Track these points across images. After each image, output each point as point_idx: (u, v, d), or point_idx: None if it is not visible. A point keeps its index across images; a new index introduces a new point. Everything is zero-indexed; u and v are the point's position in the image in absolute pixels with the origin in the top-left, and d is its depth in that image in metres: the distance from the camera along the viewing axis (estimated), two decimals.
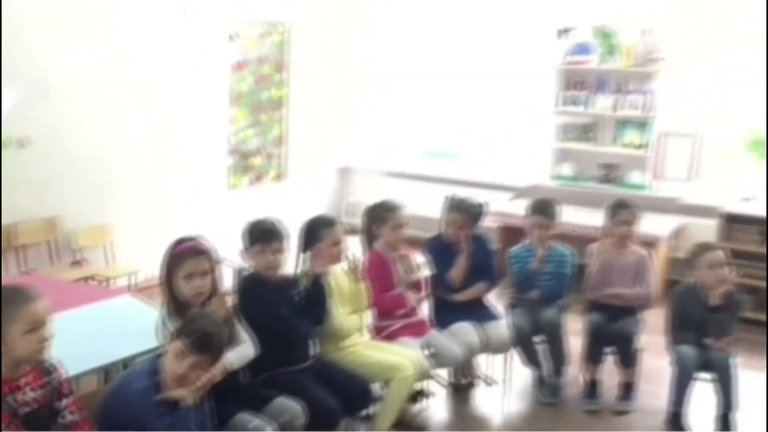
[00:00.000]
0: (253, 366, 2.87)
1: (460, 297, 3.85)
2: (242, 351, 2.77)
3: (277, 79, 6.48)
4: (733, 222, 5.10)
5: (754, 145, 5.41)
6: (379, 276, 3.63)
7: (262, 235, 3.05)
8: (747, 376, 3.69)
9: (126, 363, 2.82)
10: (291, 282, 3.16)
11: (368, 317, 3.61)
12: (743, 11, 5.33)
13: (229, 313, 2.83)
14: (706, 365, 3.48)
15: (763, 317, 4.88)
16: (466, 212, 3.86)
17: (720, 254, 3.55)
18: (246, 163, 6.35)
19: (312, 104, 6.79)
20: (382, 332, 3.62)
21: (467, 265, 3.84)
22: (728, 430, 3.47)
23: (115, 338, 3.03)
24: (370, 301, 3.48)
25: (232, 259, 3.77)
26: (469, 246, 3.84)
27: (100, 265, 5.09)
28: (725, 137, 5.62)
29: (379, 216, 3.74)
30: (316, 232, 3.31)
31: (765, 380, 3.90)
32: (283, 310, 3.04)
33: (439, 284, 3.86)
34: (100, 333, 3.13)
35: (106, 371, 2.95)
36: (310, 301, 3.12)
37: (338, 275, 3.40)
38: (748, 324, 3.77)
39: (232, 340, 2.70)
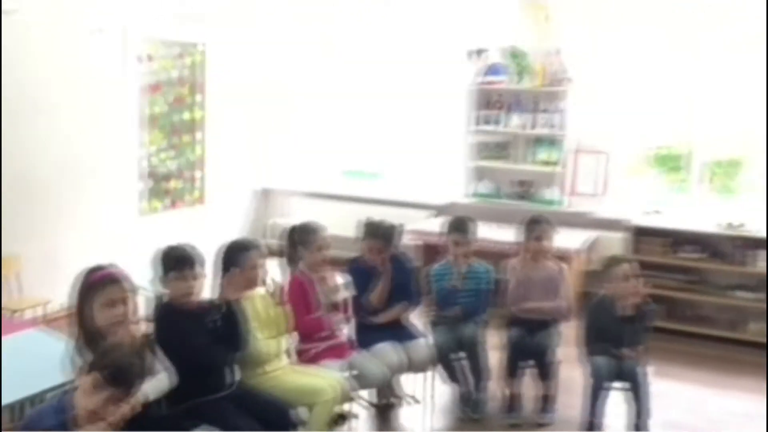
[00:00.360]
0: (172, 396, 2.79)
1: (380, 319, 3.87)
2: (158, 382, 2.70)
3: (192, 101, 6.38)
4: (640, 234, 5.32)
5: (658, 160, 5.68)
6: (301, 299, 3.61)
7: (177, 262, 2.99)
8: (659, 383, 3.84)
9: (34, 400, 2.69)
10: (207, 308, 3.09)
11: (290, 341, 3.58)
12: (643, 37, 5.59)
13: (144, 342, 2.75)
14: (619, 375, 3.60)
15: (672, 326, 5.10)
16: (381, 237, 3.90)
17: (630, 267, 3.69)
18: (162, 187, 6.21)
19: (229, 126, 6.71)
20: (303, 356, 3.59)
21: (387, 288, 3.86)
22: None
23: (23, 374, 2.89)
24: (291, 325, 3.45)
25: (146, 287, 3.67)
26: (388, 269, 3.87)
27: (7, 297, 4.86)
28: (630, 153, 5.90)
29: (301, 238, 3.73)
30: (233, 256, 3.27)
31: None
32: (200, 339, 2.97)
33: (361, 308, 3.87)
34: (7, 368, 2.98)
35: (15, 408, 2.81)
36: (227, 327, 3.06)
37: (257, 299, 3.36)
38: (658, 333, 3.91)
39: (147, 371, 2.62)
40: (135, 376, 2.36)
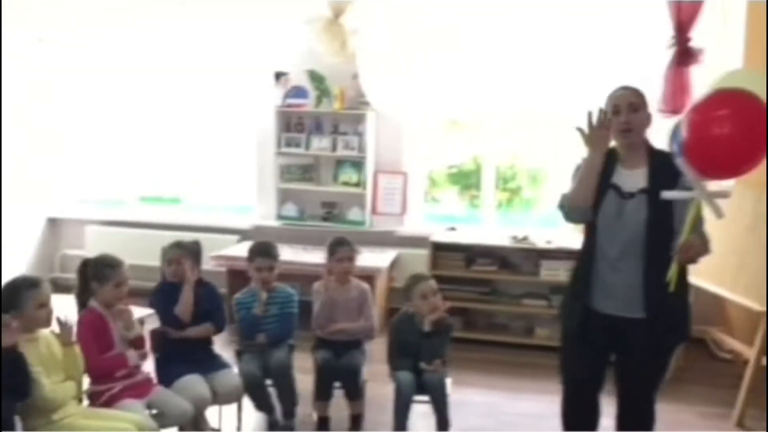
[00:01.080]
0: None
1: (189, 333, 3.72)
2: None
3: None
4: (439, 250, 5.58)
5: (451, 178, 6.02)
6: (96, 336, 3.39)
7: None
8: (458, 392, 4.03)
9: None
10: None
11: (84, 383, 3.33)
12: (439, 62, 5.91)
13: None
14: (421, 388, 3.73)
15: (469, 335, 5.40)
16: (184, 248, 3.84)
17: (431, 284, 3.85)
18: None
19: (10, 149, 6.13)
20: (100, 397, 3.35)
21: (190, 299, 3.72)
22: None
23: None
24: (82, 366, 3.21)
25: None
26: (190, 279, 3.73)
27: None
28: (427, 172, 6.20)
29: (97, 273, 3.49)
30: (18, 295, 2.99)
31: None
32: None
33: (167, 324, 3.74)
34: None
35: None
36: (9, 375, 2.78)
37: (48, 339, 3.11)
38: (456, 343, 4.11)
39: None
40: None
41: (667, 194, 2.70)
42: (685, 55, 5.08)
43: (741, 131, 2.48)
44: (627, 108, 2.89)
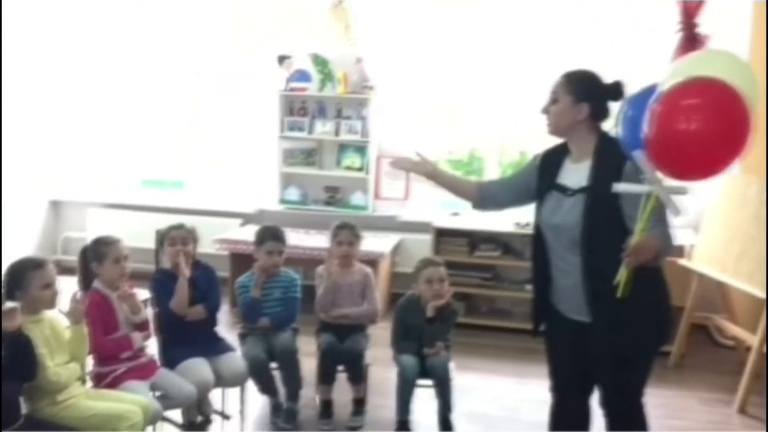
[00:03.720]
0: None
1: (190, 317, 3.70)
2: None
3: None
4: (443, 235, 5.57)
5: (455, 165, 6.01)
6: (101, 317, 3.39)
7: None
8: (462, 377, 4.04)
9: None
10: None
11: (88, 364, 3.34)
12: (443, 47, 5.88)
13: None
14: (424, 372, 3.73)
15: (472, 321, 5.40)
16: (181, 229, 3.81)
17: (439, 270, 3.82)
18: None
19: (8, 133, 6.10)
20: (104, 379, 3.36)
21: (185, 290, 3.69)
22: (448, 429, 3.75)
23: None
24: (90, 346, 3.21)
25: None
26: (187, 275, 3.69)
27: None
28: (431, 157, 6.15)
29: (96, 252, 3.50)
30: (22, 276, 2.99)
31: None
32: None
33: (165, 316, 3.71)
34: None
35: None
36: (15, 358, 2.78)
37: (53, 321, 3.10)
38: (459, 328, 4.11)
39: None
40: None
41: (620, 187, 2.44)
42: (692, 41, 5.03)
43: (715, 126, 2.19)
44: (549, 98, 2.73)
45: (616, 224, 2.55)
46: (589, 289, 2.63)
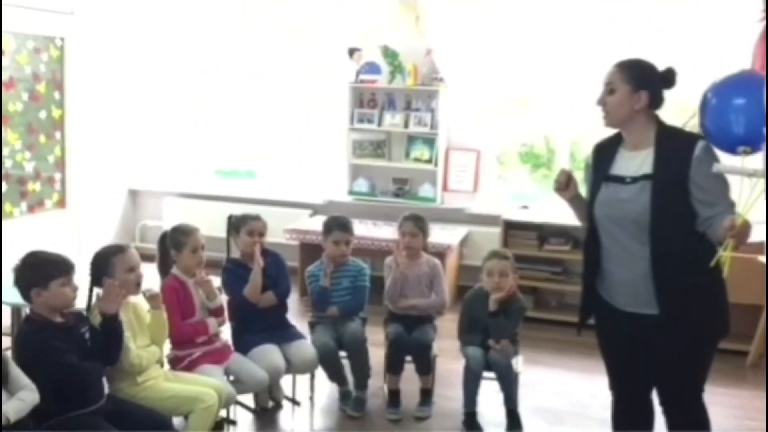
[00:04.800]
0: (38, 413, 2.63)
1: (261, 303, 3.79)
2: (21, 400, 2.53)
3: (51, 99, 6.01)
4: (512, 228, 5.53)
5: (523, 157, 5.94)
6: (178, 303, 3.51)
7: (37, 276, 2.80)
8: (529, 371, 4.02)
9: None
10: (78, 319, 2.93)
11: (166, 348, 3.47)
12: (513, 39, 5.82)
13: (3, 359, 2.57)
14: (488, 365, 3.73)
15: (540, 315, 5.35)
16: (259, 220, 3.88)
17: (502, 264, 3.78)
18: (21, 189, 5.81)
19: (92, 124, 6.36)
20: (181, 362, 3.49)
21: (259, 279, 3.77)
22: (515, 423, 3.74)
23: None
24: (166, 332, 3.34)
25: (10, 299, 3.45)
26: (261, 264, 3.77)
27: None
28: (500, 151, 6.15)
29: (173, 241, 3.62)
30: (106, 262, 3.13)
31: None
32: (70, 358, 2.79)
33: (238, 304, 3.80)
34: None
35: None
36: (102, 342, 2.91)
37: (135, 305, 3.23)
38: (529, 322, 4.09)
39: (7, 389, 2.45)
40: None
41: (720, 167, 2.43)
42: None
43: None
44: (604, 89, 2.68)
45: (684, 210, 2.54)
46: (659, 277, 2.57)
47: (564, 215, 5.50)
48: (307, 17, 6.24)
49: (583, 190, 2.87)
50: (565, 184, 2.81)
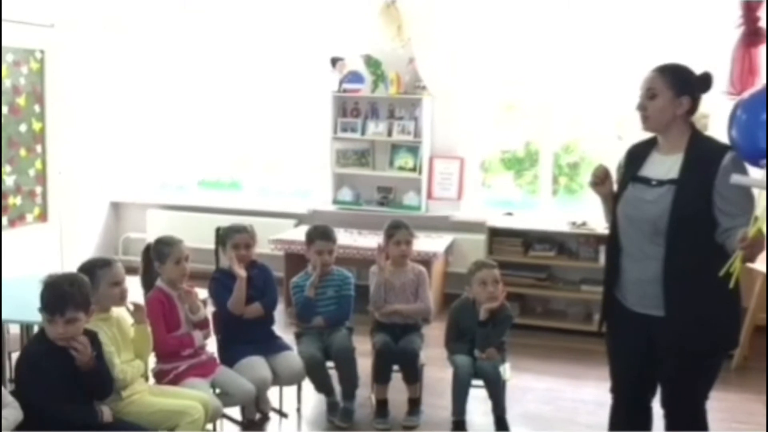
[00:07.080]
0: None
1: (247, 315, 3.78)
2: (5, 419, 2.50)
3: (35, 111, 5.94)
4: (497, 235, 5.54)
5: (509, 163, 5.96)
6: (161, 317, 3.47)
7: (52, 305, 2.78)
8: (516, 378, 4.01)
9: None
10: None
11: (150, 361, 3.43)
12: (495, 47, 5.85)
13: None
14: (476, 373, 3.73)
15: (526, 321, 5.35)
16: (244, 233, 3.87)
17: (493, 273, 3.79)
18: (2, 204, 5.73)
19: (73, 137, 6.29)
20: (167, 376, 3.45)
21: (243, 292, 3.76)
22: (504, 429, 3.73)
23: None
24: (151, 345, 3.31)
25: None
26: (245, 277, 3.76)
27: None
28: (483, 158, 6.16)
29: (159, 252, 3.59)
30: (92, 274, 3.08)
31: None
32: (61, 377, 2.77)
33: (224, 314, 3.78)
34: None
35: None
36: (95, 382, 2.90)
37: (120, 319, 3.20)
38: (516, 329, 4.09)
39: None
40: None
41: (738, 179, 2.45)
42: (753, 35, 4.91)
43: None
44: (645, 94, 2.67)
45: (704, 217, 2.55)
46: (668, 279, 2.60)
47: (548, 221, 5.59)
48: (289, 27, 6.24)
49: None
50: (602, 179, 2.83)
